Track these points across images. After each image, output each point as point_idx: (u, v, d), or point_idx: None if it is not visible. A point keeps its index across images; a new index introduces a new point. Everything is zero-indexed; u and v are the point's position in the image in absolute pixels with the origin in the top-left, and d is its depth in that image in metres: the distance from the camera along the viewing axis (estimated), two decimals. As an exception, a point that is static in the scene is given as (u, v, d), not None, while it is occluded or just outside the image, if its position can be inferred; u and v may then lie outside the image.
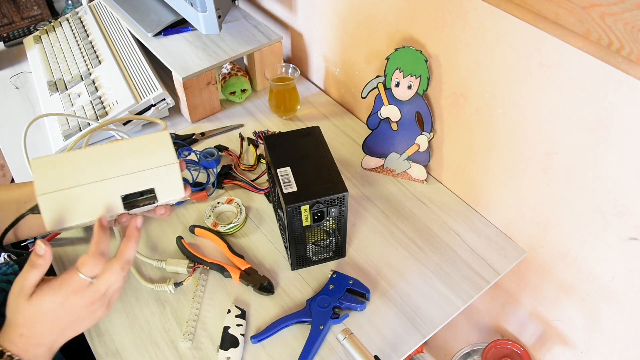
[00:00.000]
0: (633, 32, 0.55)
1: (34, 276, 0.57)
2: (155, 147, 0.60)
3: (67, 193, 0.57)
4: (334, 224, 0.79)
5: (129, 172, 0.59)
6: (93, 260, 0.57)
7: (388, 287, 0.82)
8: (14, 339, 0.57)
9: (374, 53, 0.98)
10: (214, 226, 0.89)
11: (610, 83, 0.61)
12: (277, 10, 1.23)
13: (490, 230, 0.90)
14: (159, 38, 1.14)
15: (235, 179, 0.98)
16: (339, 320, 0.77)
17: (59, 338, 0.59)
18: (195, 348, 0.75)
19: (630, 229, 0.68)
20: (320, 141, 0.82)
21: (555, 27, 0.64)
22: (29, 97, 1.20)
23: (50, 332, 0.58)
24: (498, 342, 0.97)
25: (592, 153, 0.68)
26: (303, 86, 1.21)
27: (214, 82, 1.10)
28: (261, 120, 1.12)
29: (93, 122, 1.03)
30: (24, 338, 0.57)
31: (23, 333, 0.57)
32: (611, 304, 0.77)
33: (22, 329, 0.57)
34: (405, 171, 0.98)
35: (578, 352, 0.88)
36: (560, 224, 0.78)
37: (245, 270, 0.82)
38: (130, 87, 1.08)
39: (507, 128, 0.78)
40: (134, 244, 0.60)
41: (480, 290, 0.81)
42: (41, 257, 0.57)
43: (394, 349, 0.75)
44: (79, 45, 1.24)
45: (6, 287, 0.85)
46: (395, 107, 0.91)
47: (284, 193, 0.74)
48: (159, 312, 0.79)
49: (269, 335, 0.75)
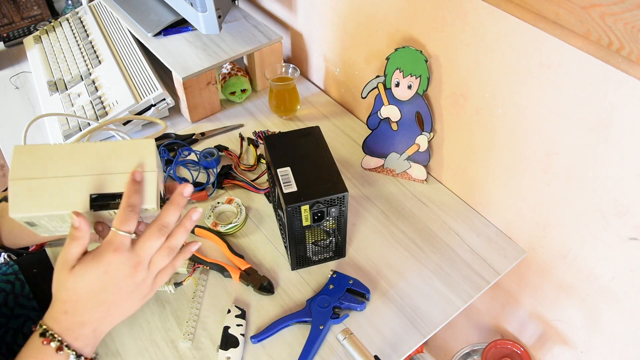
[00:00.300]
0: (633, 32, 0.55)
1: (75, 248, 0.55)
2: (137, 153, 0.59)
3: (39, 182, 0.56)
4: (334, 224, 0.79)
5: (104, 172, 0.58)
6: (125, 213, 0.54)
7: (388, 287, 0.82)
8: (59, 316, 0.54)
9: (374, 53, 0.98)
10: (214, 226, 0.89)
11: (610, 83, 0.61)
12: (277, 10, 1.23)
13: (490, 230, 0.90)
14: (159, 38, 1.14)
15: (235, 179, 0.98)
16: (339, 320, 0.77)
17: (106, 318, 0.56)
18: (195, 348, 0.75)
19: (630, 229, 0.68)
20: (320, 141, 0.82)
21: (555, 27, 0.64)
22: (29, 97, 1.20)
23: (94, 308, 0.55)
24: (498, 342, 0.97)
25: (592, 153, 0.68)
26: (303, 86, 1.21)
27: (214, 82, 1.10)
28: (261, 120, 1.12)
29: (93, 122, 1.03)
30: (68, 315, 0.54)
31: (67, 310, 0.54)
32: (611, 304, 0.77)
33: (67, 304, 0.54)
34: (405, 171, 0.98)
35: (578, 352, 0.88)
36: (560, 224, 0.78)
37: (245, 270, 0.82)
38: (130, 87, 1.08)
39: (507, 128, 0.78)
40: (174, 209, 0.57)
41: (480, 290, 0.81)
42: (78, 229, 0.55)
43: (394, 349, 0.75)
44: (79, 45, 1.24)
45: (6, 287, 0.85)
46: (395, 107, 0.91)
47: (284, 193, 0.74)
48: (159, 312, 0.79)
49: (269, 335, 0.75)
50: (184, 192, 0.58)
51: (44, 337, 0.53)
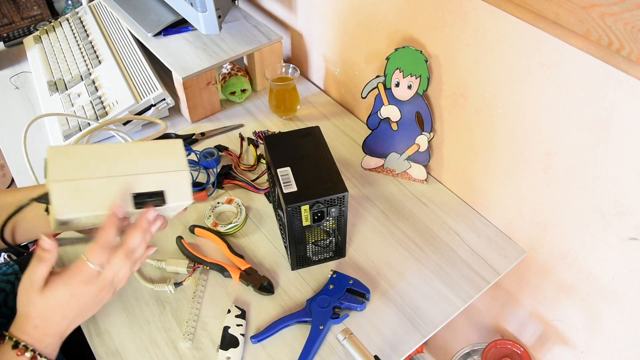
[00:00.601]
0: (633, 32, 0.55)
1: (42, 269, 0.58)
2: (168, 153, 0.63)
3: (81, 183, 0.58)
4: (334, 224, 0.79)
5: (138, 172, 0.60)
6: (100, 249, 0.59)
7: (388, 287, 0.82)
8: (29, 330, 0.58)
9: (374, 53, 0.98)
10: (214, 226, 0.89)
11: (610, 83, 0.61)
12: (277, 10, 1.23)
13: (490, 230, 0.90)
14: (159, 38, 1.14)
15: (235, 179, 0.98)
16: (339, 320, 0.77)
17: (69, 326, 0.61)
18: (195, 348, 0.75)
19: (630, 229, 0.68)
20: (320, 141, 0.82)
21: (555, 27, 0.64)
22: (29, 97, 1.20)
23: (61, 322, 0.60)
24: (498, 342, 0.97)
25: (592, 153, 0.68)
26: (303, 86, 1.21)
27: (214, 82, 1.10)
28: (261, 120, 1.12)
29: (93, 122, 1.03)
30: (38, 329, 0.58)
31: (37, 325, 0.58)
32: (611, 304, 0.77)
33: (36, 320, 0.58)
34: (405, 171, 0.98)
35: (578, 352, 0.88)
36: (560, 224, 0.78)
37: (245, 270, 0.82)
38: (130, 87, 1.08)
39: (507, 128, 0.78)
40: (138, 233, 0.61)
41: (480, 290, 0.81)
42: (47, 251, 0.59)
43: (394, 349, 0.75)
44: (79, 45, 1.24)
45: (6, 287, 0.85)
46: (395, 107, 0.91)
47: (284, 193, 0.74)
48: (159, 312, 0.79)
49: (269, 335, 0.75)
50: (149, 216, 0.61)
51: (17, 349, 0.57)
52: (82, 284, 0.59)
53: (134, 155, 0.61)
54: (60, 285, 0.58)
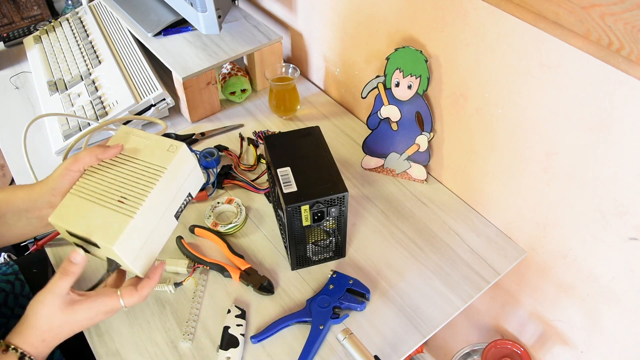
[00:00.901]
0: (633, 32, 0.55)
1: (66, 284, 0.59)
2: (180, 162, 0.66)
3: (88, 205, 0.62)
4: (334, 224, 0.79)
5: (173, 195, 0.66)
6: (138, 296, 0.62)
7: (388, 287, 0.82)
8: (35, 342, 0.58)
9: (374, 53, 0.98)
10: (214, 226, 0.88)
11: (610, 83, 0.61)
12: (277, 10, 1.23)
13: (490, 230, 0.90)
14: (159, 38, 1.14)
15: (235, 179, 0.98)
16: (339, 320, 0.77)
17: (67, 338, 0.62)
18: (195, 348, 0.75)
19: (630, 229, 0.68)
20: (320, 141, 0.82)
21: (555, 27, 0.64)
22: (29, 97, 1.20)
23: (66, 337, 0.61)
24: (498, 342, 0.97)
25: (592, 153, 0.68)
26: (303, 86, 1.21)
27: (214, 82, 1.10)
28: (261, 120, 1.12)
29: (93, 122, 1.03)
30: (45, 343, 0.58)
31: (45, 339, 0.58)
32: (611, 304, 0.77)
33: (46, 334, 0.58)
34: (405, 171, 0.98)
35: (578, 352, 0.88)
36: (560, 224, 0.78)
37: (245, 270, 0.82)
38: (130, 87, 1.08)
39: (507, 128, 0.78)
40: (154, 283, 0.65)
41: (480, 290, 0.81)
42: (76, 265, 0.59)
43: (394, 349, 0.75)
44: (79, 45, 1.24)
45: (6, 287, 0.85)
46: (395, 107, 0.91)
47: (284, 193, 0.74)
48: (159, 312, 0.79)
49: (269, 335, 0.75)
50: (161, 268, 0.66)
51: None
52: (104, 314, 0.61)
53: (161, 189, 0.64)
54: (84, 310, 0.59)
